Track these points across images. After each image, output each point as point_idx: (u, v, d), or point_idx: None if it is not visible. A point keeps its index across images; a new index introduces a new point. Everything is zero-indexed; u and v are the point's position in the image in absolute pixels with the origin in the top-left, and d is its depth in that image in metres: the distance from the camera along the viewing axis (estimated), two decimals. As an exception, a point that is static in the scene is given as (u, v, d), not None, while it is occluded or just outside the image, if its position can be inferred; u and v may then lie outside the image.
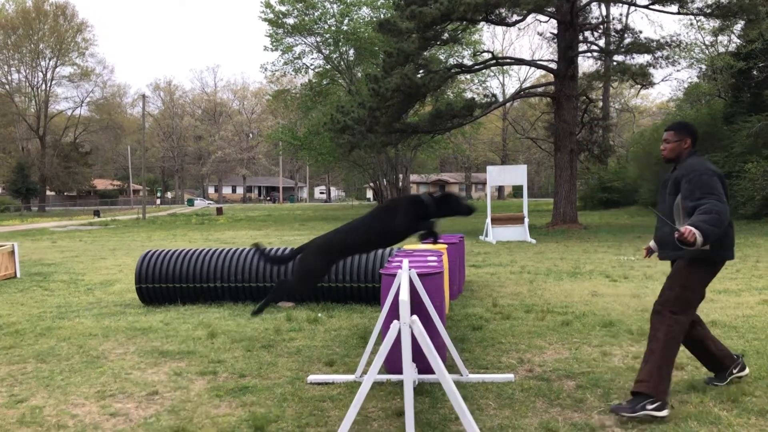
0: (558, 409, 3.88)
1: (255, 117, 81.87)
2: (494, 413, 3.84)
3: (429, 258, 5.60)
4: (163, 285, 7.50)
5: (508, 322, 6.31)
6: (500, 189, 63.54)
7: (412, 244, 7.41)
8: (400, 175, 38.77)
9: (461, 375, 4.47)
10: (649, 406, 3.59)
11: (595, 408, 3.86)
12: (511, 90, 53.63)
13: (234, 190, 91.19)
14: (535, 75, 57.21)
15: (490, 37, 72.56)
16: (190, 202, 67.56)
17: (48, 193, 63.39)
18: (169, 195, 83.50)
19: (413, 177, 66.14)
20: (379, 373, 3.61)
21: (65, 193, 70.69)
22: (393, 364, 4.49)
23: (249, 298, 7.45)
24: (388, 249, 7.29)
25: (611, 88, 37.54)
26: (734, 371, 4.15)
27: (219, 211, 43.51)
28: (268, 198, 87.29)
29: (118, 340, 5.89)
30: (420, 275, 4.57)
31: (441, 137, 36.34)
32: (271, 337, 5.87)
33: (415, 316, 2.91)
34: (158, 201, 68.05)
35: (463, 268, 8.84)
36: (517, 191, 67.29)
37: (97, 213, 45.90)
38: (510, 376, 4.48)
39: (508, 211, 26.78)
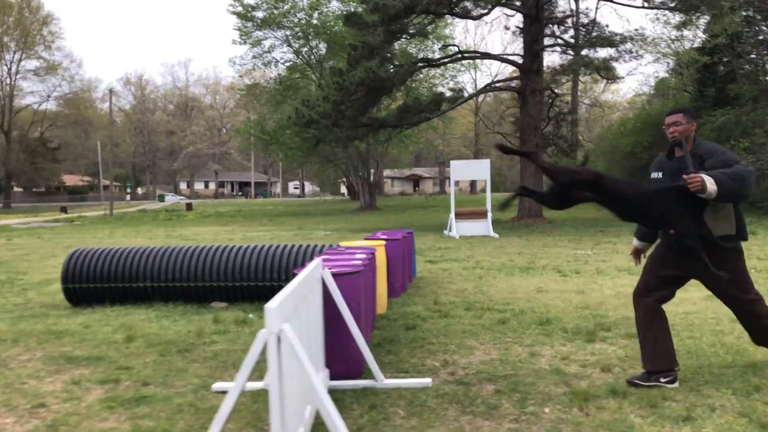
0: (470, 417, 3.65)
1: (227, 112, 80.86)
2: (401, 422, 3.59)
3: (357, 255, 5.33)
4: (90, 285, 7.15)
5: (444, 321, 6.09)
6: (473, 183, 63.51)
7: (351, 241, 7.15)
8: (372, 170, 38.46)
9: (375, 380, 4.22)
10: None
11: (507, 416, 3.63)
12: (483, 85, 53.53)
13: (206, 186, 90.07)
14: (508, 70, 57.21)
15: (463, 32, 72.53)
16: (161, 198, 66.56)
17: (15, 189, 62.03)
18: (140, 191, 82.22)
19: (387, 172, 65.96)
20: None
21: (33, 189, 69.24)
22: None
23: (180, 298, 7.13)
24: (314, 246, 7.02)
25: (580, 83, 37.60)
26: (662, 380, 3.94)
27: (188, 206, 42.86)
28: (240, 193, 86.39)
29: (28, 345, 5.55)
30: (335, 275, 4.32)
31: (412, 132, 36.15)
32: (191, 340, 5.57)
33: (286, 325, 2.63)
34: (128, 197, 66.94)
35: (410, 264, 8.61)
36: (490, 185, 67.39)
37: (63, 209, 44.97)
38: (427, 380, 4.24)
39: (482, 206, 26.66)
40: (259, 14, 36.04)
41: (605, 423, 3.42)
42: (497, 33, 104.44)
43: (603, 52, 20.71)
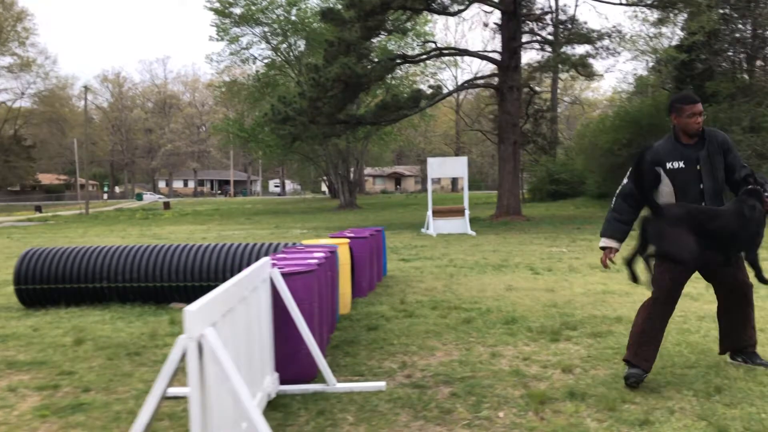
0: (421, 422, 3.48)
1: (206, 109, 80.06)
2: (348, 429, 3.42)
3: (314, 254, 5.14)
4: (44, 286, 6.89)
5: (409, 321, 5.92)
6: (454, 181, 63.59)
7: (314, 239, 6.96)
8: (352, 168, 38.23)
9: (327, 385, 4.04)
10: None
11: (460, 421, 3.47)
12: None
13: (186, 184, 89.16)
14: (489, 68, 57.21)
15: (443, 29, 72.41)
16: (139, 197, 65.76)
17: (-11, 188, 61.00)
18: (118, 190, 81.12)
19: (368, 170, 65.75)
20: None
21: (8, 189, 68.09)
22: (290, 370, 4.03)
23: (138, 299, 6.90)
24: (276, 245, 6.83)
25: (560, 81, 37.65)
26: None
27: (166, 205, 42.35)
28: (220, 192, 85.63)
29: (-30, 349, 5.30)
30: (284, 275, 4.12)
31: (391, 129, 35.97)
32: (142, 343, 5.35)
33: (208, 330, 2.44)
34: (105, 196, 66.02)
35: (379, 262, 8.44)
36: (472, 183, 67.48)
37: (38, 208, 44.24)
38: (381, 384, 4.07)
39: (462, 204, 26.54)
40: (237, 10, 35.65)
41: (560, 428, 3.27)
42: (477, 31, 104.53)
43: (580, 49, 20.66)
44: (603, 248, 4.13)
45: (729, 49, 28.42)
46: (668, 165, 3.97)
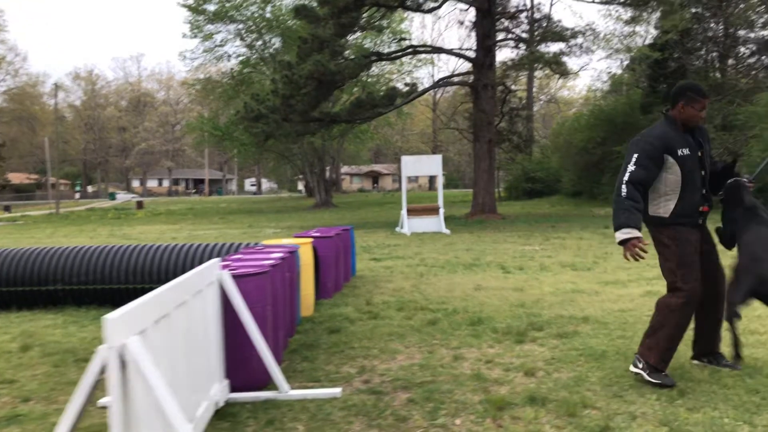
0: (375, 431, 3.32)
1: (181, 107, 79.10)
2: (297, 440, 3.25)
3: (272, 255, 4.95)
4: (-5, 289, 6.60)
5: (373, 323, 5.75)
6: (431, 179, 63.53)
7: (275, 239, 6.76)
8: (328, 167, 37.95)
9: (279, 392, 3.87)
10: None
11: (415, 429, 3.32)
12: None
13: (160, 183, 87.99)
14: (466, 66, 57.34)
15: (420, 27, 72.45)
16: (112, 196, 64.74)
17: (-42, 188, 59.54)
18: (90, 189, 79.73)
19: (345, 168, 65.49)
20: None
21: (-23, 188, 66.62)
22: (241, 375, 3.84)
23: (94, 302, 6.65)
24: (238, 245, 6.63)
25: (536, 79, 37.77)
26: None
27: (139, 205, 41.70)
28: (195, 191, 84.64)
29: None
30: (235, 277, 3.94)
31: (367, 127, 35.78)
32: (93, 349, 5.10)
33: (132, 339, 2.26)
34: (77, 195, 64.91)
35: (347, 262, 8.26)
36: (449, 182, 67.52)
37: (7, 208, 43.32)
38: (337, 390, 3.90)
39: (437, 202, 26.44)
40: (211, 7, 35.14)
41: (517, 436, 3.13)
42: (454, 29, 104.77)
43: (554, 47, 20.65)
44: (626, 240, 3.70)
45: (701, 48, 28.70)
46: (679, 152, 3.83)
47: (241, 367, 4.00)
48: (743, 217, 3.98)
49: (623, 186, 3.80)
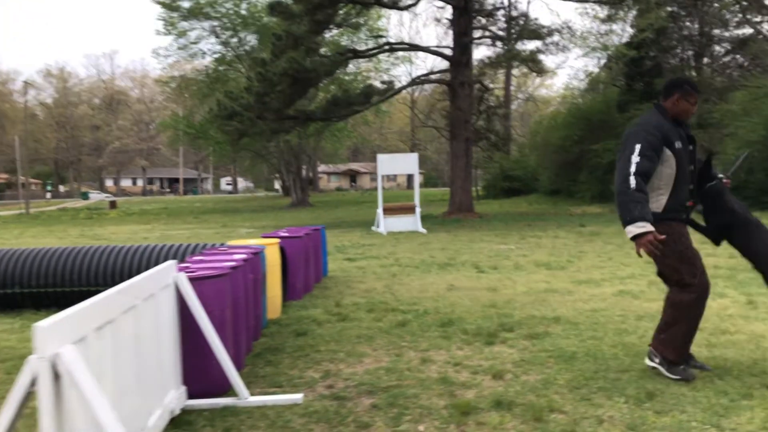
0: (335, 439, 3.20)
1: (156, 105, 78.01)
2: (254, 449, 3.11)
3: (234, 256, 4.80)
4: (-50, 293, 6.36)
5: (341, 325, 5.62)
6: (410, 178, 63.53)
7: (241, 240, 6.60)
8: (304, 165, 37.68)
9: (238, 398, 3.72)
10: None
11: (377, 436, 3.20)
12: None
13: (134, 183, 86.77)
14: (444, 64, 57.41)
15: (398, 25, 72.41)
16: (84, 196, 63.65)
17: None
18: (62, 188, 78.30)
19: (323, 167, 65.18)
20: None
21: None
22: (201, 381, 3.69)
23: (55, 305, 6.43)
24: (203, 245, 6.47)
25: (514, 78, 37.86)
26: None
27: (112, 204, 41.04)
28: (169, 190, 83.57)
29: None
30: (192, 279, 3.79)
31: (344, 125, 35.60)
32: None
33: (65, 348, 2.10)
34: (48, 195, 63.75)
35: (318, 263, 8.12)
36: (428, 180, 67.57)
37: (-23, 208, 42.40)
38: (298, 396, 3.77)
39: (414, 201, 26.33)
40: (185, 4, 34.67)
41: (481, 443, 3.02)
42: (432, 27, 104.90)
43: (531, 45, 20.68)
44: (641, 234, 3.50)
45: (677, 47, 28.99)
46: (676, 144, 3.74)
47: (200, 373, 3.85)
48: (734, 220, 3.92)
49: (631, 178, 3.58)
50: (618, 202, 3.65)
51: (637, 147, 3.64)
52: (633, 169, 3.61)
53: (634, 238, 3.53)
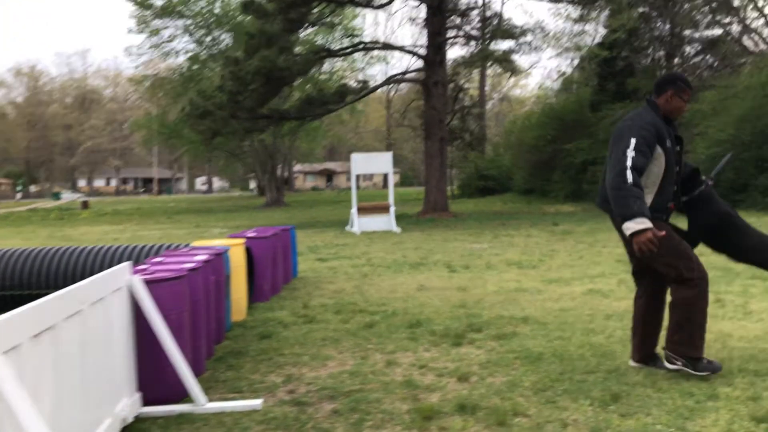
0: (293, 446, 3.09)
1: (129, 105, 76.91)
2: (208, 459, 2.99)
3: (196, 258, 4.66)
4: None
5: (307, 327, 5.51)
6: (386, 177, 63.55)
7: (205, 241, 6.45)
8: (279, 165, 37.39)
9: (195, 404, 3.60)
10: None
11: (336, 443, 3.10)
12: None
13: (108, 183, 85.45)
14: (420, 64, 57.43)
15: (374, 24, 72.33)
16: (56, 196, 62.44)
17: None
18: (33, 188, 76.82)
19: (298, 167, 64.83)
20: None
21: None
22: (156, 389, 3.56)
23: (6, 309, 6.21)
24: (155, 246, 6.31)
25: (488, 77, 37.98)
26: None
27: (84, 204, 40.32)
28: (143, 190, 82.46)
29: None
30: (147, 282, 3.65)
31: (319, 125, 35.39)
32: None
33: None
34: (18, 195, 62.53)
35: (287, 263, 7.99)
36: (404, 180, 67.57)
37: (-57, 209, 41.40)
38: (257, 402, 3.65)
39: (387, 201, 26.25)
40: (158, 2, 34.21)
41: (442, 449, 2.94)
42: (407, 27, 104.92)
43: (504, 45, 20.72)
44: (640, 231, 3.44)
45: (648, 47, 29.28)
46: (667, 143, 3.66)
47: (156, 380, 3.72)
48: (729, 221, 3.91)
49: (628, 172, 3.49)
50: (613, 196, 3.57)
51: (633, 141, 3.55)
52: (629, 163, 3.52)
53: (632, 234, 3.46)
